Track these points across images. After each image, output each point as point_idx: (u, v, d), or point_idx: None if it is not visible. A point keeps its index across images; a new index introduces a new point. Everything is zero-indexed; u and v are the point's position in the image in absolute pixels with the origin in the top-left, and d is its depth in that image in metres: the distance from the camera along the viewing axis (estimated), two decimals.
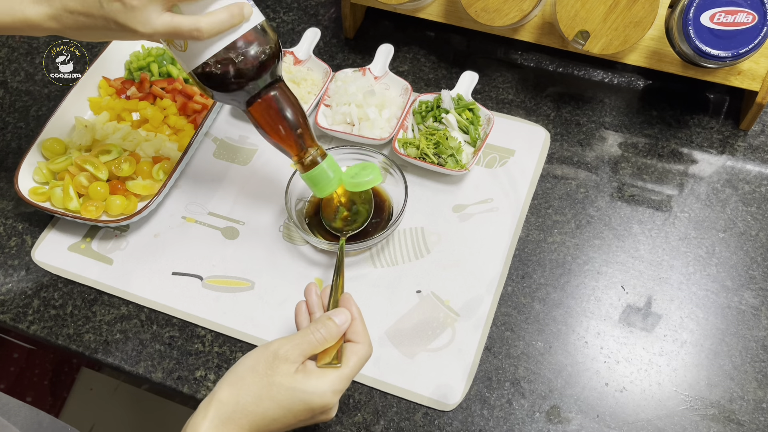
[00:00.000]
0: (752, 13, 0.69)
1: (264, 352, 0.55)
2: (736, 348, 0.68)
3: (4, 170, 0.85)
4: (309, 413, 0.54)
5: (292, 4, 0.99)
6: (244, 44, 0.60)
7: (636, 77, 0.88)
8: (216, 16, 0.57)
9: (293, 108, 0.64)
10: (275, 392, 0.53)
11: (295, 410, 0.53)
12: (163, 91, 0.86)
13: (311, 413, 0.54)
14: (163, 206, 0.80)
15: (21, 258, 0.78)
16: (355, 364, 0.56)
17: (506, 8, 0.77)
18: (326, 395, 0.54)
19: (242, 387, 0.53)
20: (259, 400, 0.53)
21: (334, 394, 0.54)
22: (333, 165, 0.67)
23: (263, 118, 0.64)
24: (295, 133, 0.64)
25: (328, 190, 0.67)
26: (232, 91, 0.62)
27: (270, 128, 0.64)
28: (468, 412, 0.66)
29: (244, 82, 0.61)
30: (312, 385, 0.53)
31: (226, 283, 0.74)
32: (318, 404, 0.53)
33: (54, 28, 0.60)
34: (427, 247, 0.75)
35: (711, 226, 0.76)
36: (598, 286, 0.72)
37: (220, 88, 0.61)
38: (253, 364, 0.54)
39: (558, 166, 0.81)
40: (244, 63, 0.60)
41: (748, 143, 0.82)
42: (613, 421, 0.64)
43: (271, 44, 0.62)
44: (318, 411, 0.54)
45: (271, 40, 0.62)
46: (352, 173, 0.69)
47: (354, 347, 0.57)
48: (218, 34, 0.58)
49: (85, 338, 0.72)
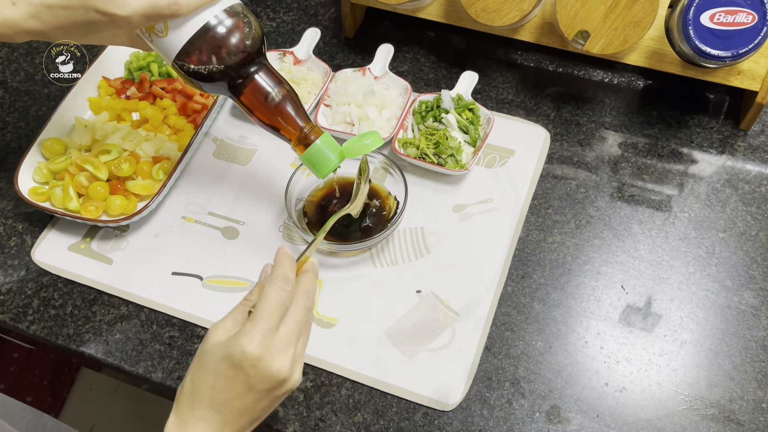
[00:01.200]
0: (752, 13, 0.69)
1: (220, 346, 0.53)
2: (736, 348, 0.68)
3: (4, 170, 0.85)
4: (242, 374, 0.51)
5: (292, 4, 0.99)
6: (224, 20, 0.59)
7: (636, 77, 0.88)
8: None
9: (283, 88, 0.63)
10: (205, 359, 0.52)
11: (226, 373, 0.51)
12: (163, 91, 0.86)
13: (243, 373, 0.51)
14: (163, 206, 0.80)
15: (21, 258, 0.78)
16: (264, 306, 0.53)
17: (506, 8, 0.77)
18: (242, 342, 0.51)
19: (191, 370, 0.53)
20: (197, 374, 0.52)
21: (250, 341, 0.51)
22: (330, 141, 0.65)
23: (254, 101, 0.63)
24: (288, 113, 0.63)
25: (328, 168, 0.66)
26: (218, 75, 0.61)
27: (262, 112, 0.63)
28: (468, 412, 0.66)
29: (228, 62, 0.60)
30: (227, 338, 0.52)
31: (226, 283, 0.74)
32: (238, 355, 0.51)
33: (35, 28, 0.59)
34: (427, 247, 0.75)
35: (711, 226, 0.76)
36: (598, 286, 0.72)
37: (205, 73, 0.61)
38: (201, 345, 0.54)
39: (558, 166, 0.81)
40: (226, 40, 0.59)
41: (748, 143, 0.82)
42: (613, 421, 0.64)
43: (252, 22, 0.61)
44: (248, 366, 0.51)
45: (250, 18, 0.61)
46: (352, 142, 0.67)
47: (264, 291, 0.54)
48: (197, 8, 0.58)
49: (85, 338, 0.72)
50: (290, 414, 0.66)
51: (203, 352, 0.53)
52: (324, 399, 0.67)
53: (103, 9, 0.56)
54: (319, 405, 0.67)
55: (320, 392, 0.67)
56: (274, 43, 0.94)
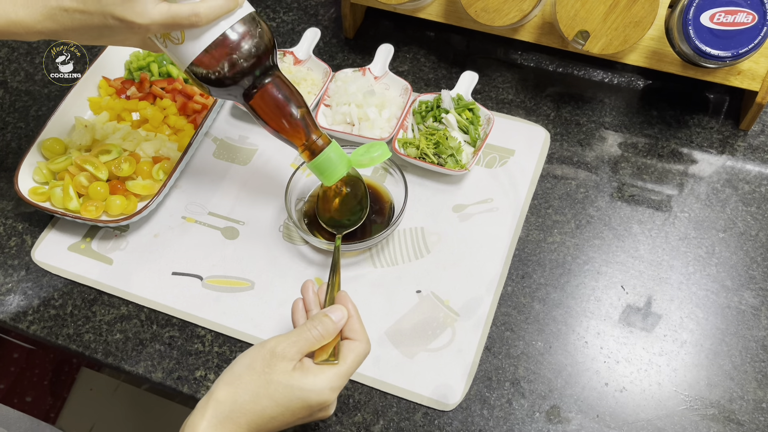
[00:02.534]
0: (752, 13, 0.69)
1: (261, 350, 0.55)
2: (736, 348, 0.68)
3: (4, 170, 0.85)
4: (307, 411, 0.54)
5: (292, 4, 0.99)
6: (239, 30, 0.60)
7: (636, 77, 0.88)
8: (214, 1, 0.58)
9: (293, 96, 0.64)
10: (273, 390, 0.53)
11: (293, 408, 0.53)
12: (163, 91, 0.86)
13: (309, 411, 0.54)
14: (163, 206, 0.80)
15: (21, 258, 0.78)
16: (352, 361, 0.56)
17: (506, 8, 0.77)
18: (324, 392, 0.53)
19: (239, 385, 0.53)
20: (257, 398, 0.53)
21: (332, 391, 0.54)
22: (338, 150, 0.66)
23: (264, 108, 0.64)
24: (297, 121, 0.64)
25: (336, 176, 0.67)
26: (230, 82, 0.62)
27: (272, 118, 0.64)
28: (468, 412, 0.66)
29: (242, 70, 0.61)
30: (310, 383, 0.53)
31: (226, 283, 0.74)
32: (316, 401, 0.53)
33: (49, 29, 0.59)
34: (427, 247, 0.75)
35: (711, 226, 0.76)
36: (598, 286, 0.72)
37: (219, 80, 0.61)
38: (250, 362, 0.54)
39: (558, 166, 0.81)
40: (240, 49, 0.60)
41: (748, 143, 0.82)
42: (613, 421, 0.64)
43: (265, 31, 0.62)
44: (316, 408, 0.54)
45: (263, 28, 0.62)
46: (360, 153, 0.68)
47: (351, 344, 0.57)
48: (216, 20, 0.59)
49: (85, 338, 0.72)
50: None
51: (271, 381, 0.53)
52: None
53: (121, 16, 0.57)
54: None
55: None
56: None
